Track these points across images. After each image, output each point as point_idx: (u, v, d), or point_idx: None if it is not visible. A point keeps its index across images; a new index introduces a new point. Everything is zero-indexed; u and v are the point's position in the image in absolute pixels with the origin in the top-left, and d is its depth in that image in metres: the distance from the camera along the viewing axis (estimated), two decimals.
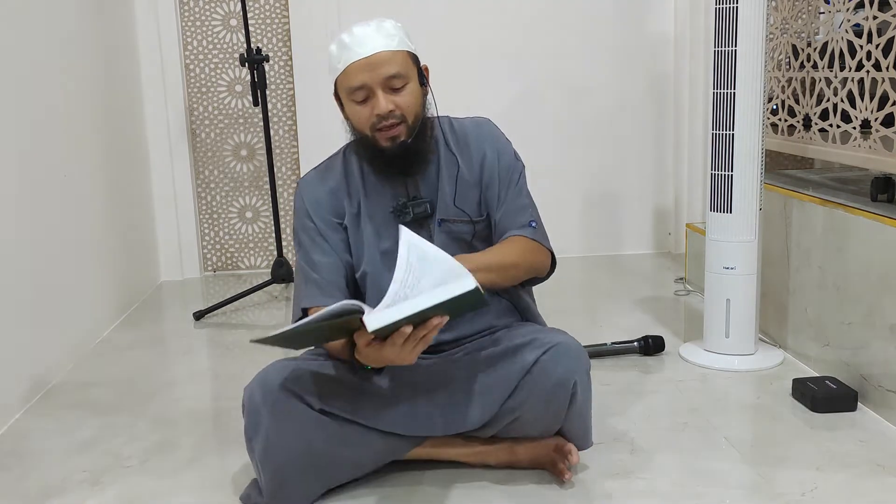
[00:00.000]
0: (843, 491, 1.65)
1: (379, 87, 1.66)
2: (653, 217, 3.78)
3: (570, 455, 1.70)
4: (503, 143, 1.85)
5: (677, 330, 2.68)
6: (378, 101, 1.66)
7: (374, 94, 1.66)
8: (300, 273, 1.80)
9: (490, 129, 1.85)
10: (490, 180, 1.80)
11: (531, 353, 1.66)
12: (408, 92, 1.69)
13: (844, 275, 2.12)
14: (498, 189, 1.80)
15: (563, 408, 1.66)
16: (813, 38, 2.47)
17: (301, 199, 1.82)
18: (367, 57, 1.65)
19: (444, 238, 1.78)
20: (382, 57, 1.65)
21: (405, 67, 1.68)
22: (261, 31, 3.55)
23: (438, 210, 1.79)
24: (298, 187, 1.84)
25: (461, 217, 1.79)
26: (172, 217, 3.57)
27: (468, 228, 1.80)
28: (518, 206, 1.81)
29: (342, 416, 1.64)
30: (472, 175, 1.80)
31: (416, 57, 1.73)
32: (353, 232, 1.80)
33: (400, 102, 1.68)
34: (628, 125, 3.68)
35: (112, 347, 2.73)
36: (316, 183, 1.82)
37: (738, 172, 2.24)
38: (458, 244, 1.79)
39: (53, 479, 1.82)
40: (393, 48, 1.66)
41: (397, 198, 1.77)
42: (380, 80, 1.65)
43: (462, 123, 1.86)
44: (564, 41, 3.60)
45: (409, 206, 1.76)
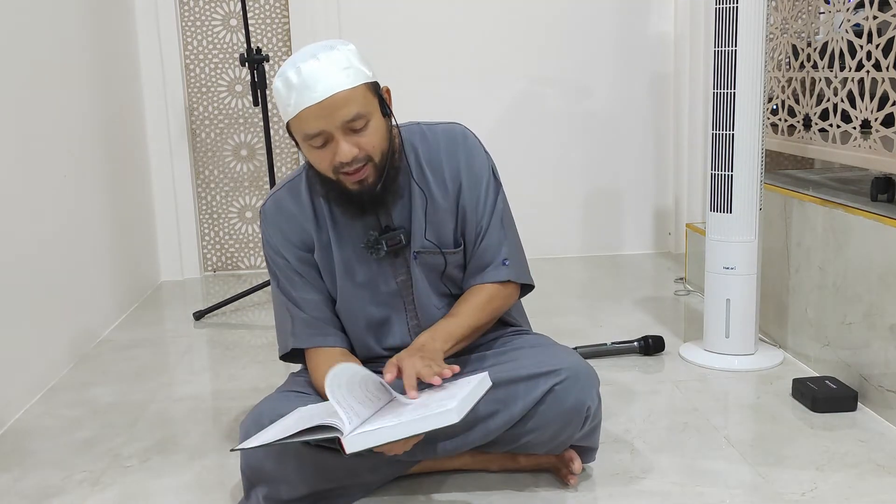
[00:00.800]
0: (843, 491, 1.65)
1: (339, 131, 1.51)
2: (653, 217, 3.78)
3: (573, 463, 1.69)
4: (478, 161, 1.71)
5: (677, 330, 2.68)
6: (339, 147, 1.52)
7: (333, 138, 1.52)
8: (283, 308, 1.73)
9: (464, 142, 1.71)
10: (465, 209, 1.70)
11: (544, 382, 1.61)
12: (371, 131, 1.54)
13: (844, 275, 2.12)
14: (474, 221, 1.71)
15: (576, 432, 1.64)
16: (813, 38, 2.47)
17: (268, 233, 1.71)
18: (320, 102, 1.49)
19: (424, 270, 1.71)
20: (338, 99, 1.49)
21: (365, 105, 1.52)
22: (261, 31, 3.55)
23: (414, 240, 1.68)
24: (263, 217, 1.71)
25: (436, 249, 1.70)
26: (172, 217, 3.57)
27: (442, 260, 1.71)
28: (493, 243, 1.72)
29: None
30: (446, 200, 1.69)
31: (375, 85, 1.57)
32: (324, 264, 1.70)
33: (363, 144, 1.53)
34: (628, 125, 3.69)
35: (112, 347, 2.73)
36: (280, 214, 1.70)
37: (738, 172, 2.24)
38: (434, 275, 1.72)
39: (53, 479, 1.82)
40: (349, 86, 1.50)
41: (368, 230, 1.67)
42: (338, 124, 1.50)
43: (435, 133, 1.71)
44: (564, 41, 3.60)
45: (382, 240, 1.65)
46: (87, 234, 2.81)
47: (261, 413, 1.61)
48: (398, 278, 1.72)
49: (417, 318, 1.74)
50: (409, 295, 1.73)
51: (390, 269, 1.72)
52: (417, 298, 1.73)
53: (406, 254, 1.70)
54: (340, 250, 1.69)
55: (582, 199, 3.72)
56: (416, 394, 1.47)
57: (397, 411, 1.45)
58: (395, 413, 1.44)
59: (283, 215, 1.70)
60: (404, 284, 1.72)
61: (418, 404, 1.45)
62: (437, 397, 1.45)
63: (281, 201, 1.71)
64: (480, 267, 1.73)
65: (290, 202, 1.71)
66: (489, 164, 1.74)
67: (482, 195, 1.71)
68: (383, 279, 1.72)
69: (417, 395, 1.46)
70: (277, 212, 1.71)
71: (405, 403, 1.47)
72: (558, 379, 1.61)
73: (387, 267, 1.71)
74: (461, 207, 1.71)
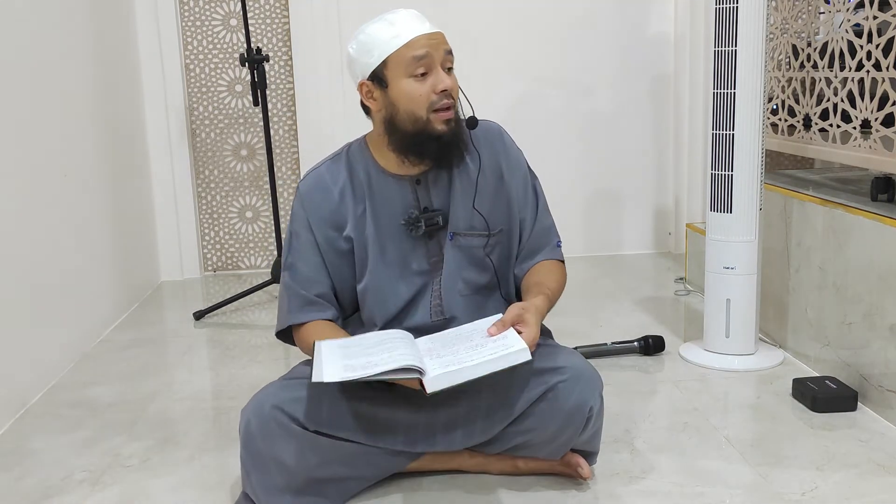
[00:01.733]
0: (843, 491, 1.65)
1: (440, 63, 1.63)
2: (653, 217, 3.78)
3: (580, 469, 1.68)
4: (516, 154, 1.80)
5: (677, 330, 2.68)
6: (441, 76, 1.62)
7: (435, 69, 1.62)
8: (286, 287, 1.75)
9: (503, 137, 1.80)
10: (508, 196, 1.76)
11: (546, 379, 1.62)
12: (454, 77, 1.66)
13: (844, 275, 2.12)
14: (519, 207, 1.77)
15: (577, 433, 1.64)
16: (813, 38, 2.47)
17: (301, 208, 1.74)
18: (430, 32, 1.63)
19: (457, 253, 1.74)
20: (441, 36, 1.64)
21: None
22: (261, 31, 3.55)
23: (452, 223, 1.73)
24: (299, 193, 1.76)
25: (475, 230, 1.74)
26: (172, 217, 3.57)
27: (481, 241, 1.75)
28: (545, 226, 1.81)
29: (338, 436, 1.61)
30: (490, 183, 1.75)
31: None
32: (356, 237, 1.73)
33: (452, 86, 1.64)
34: (628, 125, 3.69)
35: (112, 347, 2.73)
36: (318, 190, 1.74)
37: (738, 172, 2.24)
38: (469, 259, 1.75)
39: (53, 479, 1.83)
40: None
41: (407, 207, 1.72)
42: (442, 54, 1.62)
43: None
44: (565, 41, 3.60)
45: (422, 219, 1.71)
46: (87, 234, 2.81)
47: (262, 401, 1.62)
48: (431, 259, 1.75)
49: (441, 300, 1.75)
50: (437, 276, 1.75)
51: (424, 250, 1.75)
52: (444, 281, 1.75)
53: (440, 236, 1.74)
54: (376, 225, 1.73)
55: (582, 199, 3.72)
56: (495, 331, 1.55)
57: (458, 355, 1.51)
58: (459, 356, 1.51)
59: (321, 190, 1.74)
60: (436, 266, 1.75)
61: (472, 347, 1.53)
62: (490, 343, 1.52)
63: (320, 176, 1.75)
64: (536, 250, 1.80)
65: (328, 177, 1.75)
66: (523, 156, 1.83)
67: (525, 184, 1.80)
68: (416, 258, 1.74)
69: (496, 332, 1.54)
70: (315, 185, 1.75)
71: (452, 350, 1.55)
72: (561, 377, 1.62)
73: (421, 247, 1.74)
74: (505, 194, 1.77)
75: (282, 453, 1.58)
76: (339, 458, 1.62)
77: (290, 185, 3.66)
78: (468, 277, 1.77)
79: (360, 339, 1.65)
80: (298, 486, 1.60)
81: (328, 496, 1.63)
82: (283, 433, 1.58)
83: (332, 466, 1.61)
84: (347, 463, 1.62)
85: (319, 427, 1.60)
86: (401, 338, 1.63)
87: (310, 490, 1.61)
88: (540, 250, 1.80)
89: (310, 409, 1.60)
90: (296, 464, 1.59)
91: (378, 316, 1.76)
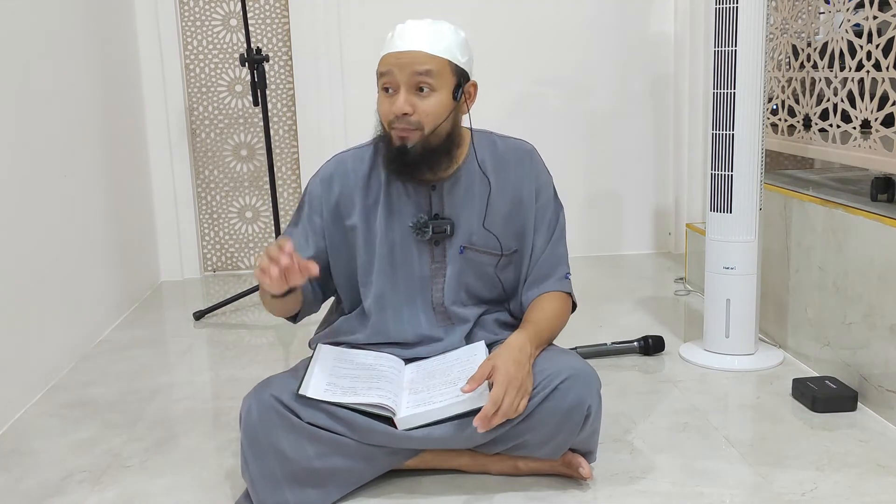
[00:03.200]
0: (843, 491, 1.65)
1: (404, 84, 1.62)
2: (653, 217, 3.78)
3: (582, 469, 1.68)
4: (544, 179, 1.81)
5: (677, 330, 2.68)
6: (398, 98, 1.63)
7: (398, 89, 1.63)
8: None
9: (533, 159, 1.80)
10: (524, 218, 1.77)
11: (544, 381, 1.62)
12: (432, 100, 1.63)
13: (844, 275, 2.12)
14: (534, 232, 1.78)
15: (575, 432, 1.64)
16: (813, 38, 2.47)
17: (316, 186, 1.78)
18: (403, 51, 1.62)
19: (463, 265, 1.76)
20: (416, 56, 1.62)
21: (436, 75, 1.63)
22: (261, 31, 3.55)
23: (461, 234, 1.76)
24: (319, 171, 1.80)
25: (488, 248, 1.76)
26: (172, 217, 3.57)
27: (492, 260, 1.78)
28: (557, 256, 1.81)
29: (336, 432, 1.62)
30: (505, 204, 1.76)
31: (460, 70, 1.67)
32: (364, 234, 1.76)
33: (420, 107, 1.63)
34: (628, 125, 3.69)
35: (112, 347, 2.73)
36: (337, 173, 1.77)
37: (738, 172, 2.24)
38: (477, 273, 1.77)
39: (53, 479, 1.82)
40: (433, 52, 1.63)
41: (419, 211, 1.74)
42: (405, 75, 1.62)
43: (506, 144, 1.80)
44: (564, 41, 3.60)
45: (430, 225, 1.73)
46: (87, 235, 2.81)
47: (263, 390, 1.64)
48: (433, 264, 1.77)
49: (444, 309, 1.78)
50: (439, 285, 1.77)
51: (428, 255, 1.76)
52: (447, 290, 1.77)
53: (447, 244, 1.76)
54: (387, 226, 1.75)
55: (582, 199, 3.72)
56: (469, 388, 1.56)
57: (433, 391, 1.64)
58: (433, 392, 1.64)
59: (339, 174, 1.78)
60: (437, 272, 1.77)
61: (448, 382, 1.64)
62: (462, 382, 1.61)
63: (344, 161, 1.79)
64: (543, 277, 1.80)
65: (350, 164, 1.79)
66: (552, 183, 1.83)
67: (547, 209, 1.80)
68: (419, 263, 1.76)
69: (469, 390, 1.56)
70: (335, 169, 1.79)
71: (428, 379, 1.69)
72: (560, 378, 1.62)
73: (425, 252, 1.76)
74: (521, 216, 1.78)
75: (281, 443, 1.59)
76: (337, 452, 1.62)
77: (290, 185, 3.66)
78: (473, 290, 1.80)
79: (355, 356, 1.76)
80: (296, 477, 1.60)
81: (326, 489, 1.64)
82: (282, 423, 1.60)
83: (331, 459, 1.62)
84: (346, 456, 1.63)
85: (315, 420, 1.61)
86: (389, 367, 1.73)
87: (308, 482, 1.62)
88: (547, 278, 1.80)
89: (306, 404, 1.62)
90: (294, 454, 1.59)
91: (384, 315, 1.78)
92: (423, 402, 1.62)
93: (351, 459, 1.63)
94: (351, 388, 1.63)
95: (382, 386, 1.65)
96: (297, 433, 1.60)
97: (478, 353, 1.73)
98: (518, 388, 1.56)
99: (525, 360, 1.60)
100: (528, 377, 1.59)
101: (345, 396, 1.61)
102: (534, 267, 1.80)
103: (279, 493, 1.60)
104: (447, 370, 1.70)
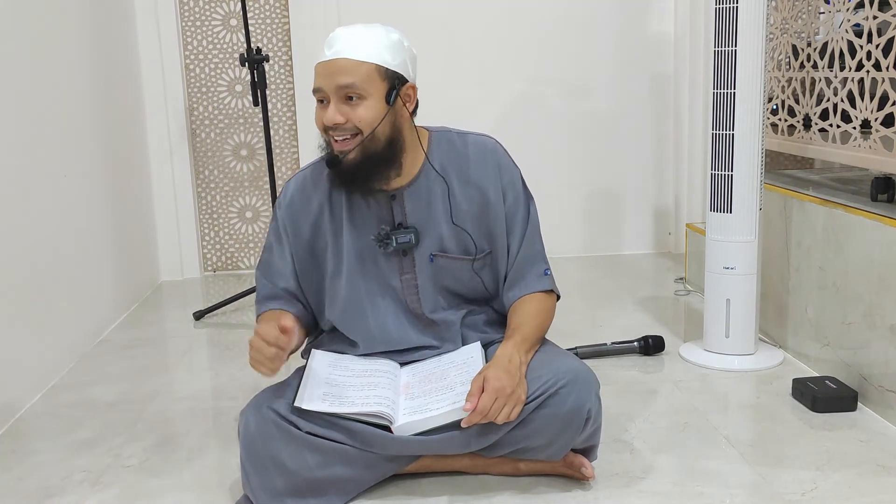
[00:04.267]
0: (843, 491, 1.65)
1: (333, 94, 1.60)
2: (653, 217, 3.78)
3: (584, 469, 1.68)
4: (509, 176, 1.76)
5: (677, 330, 2.68)
6: (328, 110, 1.61)
7: (329, 100, 1.61)
8: (257, 276, 1.82)
9: (496, 155, 1.76)
10: (495, 221, 1.74)
11: (543, 384, 1.61)
12: (363, 107, 1.60)
13: (844, 275, 2.12)
14: (508, 232, 1.75)
15: (576, 435, 1.63)
16: (813, 38, 2.47)
17: (281, 209, 1.78)
18: (328, 61, 1.60)
19: (435, 272, 1.74)
20: (342, 65, 1.59)
21: (364, 82, 1.59)
22: (261, 31, 3.55)
23: (429, 242, 1.73)
24: (283, 192, 1.80)
25: (458, 253, 1.74)
26: (172, 217, 3.57)
27: (465, 265, 1.75)
28: (533, 253, 1.78)
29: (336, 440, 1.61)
30: (471, 205, 1.73)
31: (391, 74, 1.62)
32: (334, 249, 1.75)
33: (351, 115, 1.60)
34: (628, 125, 3.69)
35: (112, 347, 2.73)
36: (299, 193, 1.77)
37: (738, 172, 2.24)
38: (453, 278, 1.76)
39: (53, 479, 1.82)
40: (359, 58, 1.59)
41: (381, 222, 1.72)
42: (332, 87, 1.59)
43: (466, 142, 1.76)
44: (564, 41, 3.60)
45: (392, 236, 1.70)
46: (87, 235, 2.81)
47: (260, 403, 1.64)
48: (403, 276, 1.75)
49: (420, 317, 1.77)
50: (413, 294, 1.75)
51: (396, 266, 1.75)
52: (423, 299, 1.75)
53: (413, 253, 1.73)
54: (353, 239, 1.73)
55: (582, 199, 3.72)
56: (470, 406, 1.56)
57: (430, 396, 1.65)
58: (430, 397, 1.64)
59: (301, 195, 1.77)
60: (408, 283, 1.75)
61: (444, 387, 1.65)
62: (459, 386, 1.64)
63: (304, 180, 1.79)
64: (521, 276, 1.77)
65: (311, 183, 1.77)
66: (520, 176, 1.79)
67: (516, 206, 1.76)
68: (389, 274, 1.75)
69: (471, 408, 1.56)
70: (298, 189, 1.78)
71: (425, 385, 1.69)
72: (558, 382, 1.61)
73: (394, 263, 1.74)
74: (490, 216, 1.74)
75: (281, 455, 1.58)
76: (337, 460, 1.61)
77: None
78: (452, 292, 1.78)
79: (349, 361, 1.75)
80: (298, 488, 1.60)
81: (328, 497, 1.63)
82: (281, 435, 1.59)
83: (331, 468, 1.61)
84: (346, 464, 1.62)
85: (315, 430, 1.60)
86: (385, 372, 1.72)
87: (310, 492, 1.61)
88: (526, 277, 1.77)
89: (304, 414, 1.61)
90: (295, 466, 1.59)
91: (358, 331, 1.77)
92: (419, 409, 1.62)
93: (352, 467, 1.63)
94: (348, 398, 1.63)
95: (379, 393, 1.65)
96: (296, 444, 1.59)
97: (474, 354, 1.73)
98: (508, 397, 1.56)
99: (515, 370, 1.59)
100: (521, 385, 1.59)
101: (342, 407, 1.60)
102: (511, 266, 1.77)
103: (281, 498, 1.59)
104: (443, 374, 1.70)
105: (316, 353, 1.78)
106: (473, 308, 1.82)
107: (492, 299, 1.83)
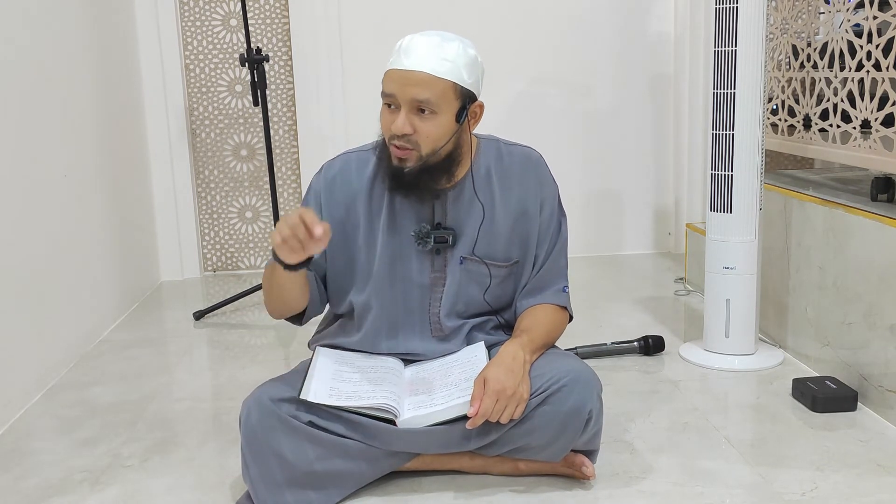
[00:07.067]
0: (843, 491, 1.65)
1: (406, 104, 1.59)
2: (653, 217, 3.78)
3: (585, 468, 1.68)
4: (549, 190, 1.79)
5: (677, 330, 2.68)
6: (398, 118, 1.60)
7: (399, 108, 1.60)
8: None
9: (539, 169, 1.78)
10: (528, 230, 1.76)
11: (544, 384, 1.62)
12: (433, 123, 1.60)
13: (844, 275, 2.12)
14: (538, 244, 1.77)
15: (577, 436, 1.63)
16: (813, 38, 2.47)
17: (319, 185, 1.75)
18: (406, 70, 1.59)
19: (462, 276, 1.75)
20: (420, 78, 1.58)
21: (439, 98, 1.59)
22: (261, 31, 3.55)
23: (462, 245, 1.74)
24: (322, 171, 1.77)
25: (486, 259, 1.75)
26: (172, 217, 3.57)
27: (495, 271, 1.77)
28: (556, 269, 1.79)
29: (337, 433, 1.62)
30: (508, 217, 1.75)
31: (465, 92, 1.63)
32: (366, 240, 1.75)
33: (420, 129, 1.60)
34: (628, 125, 3.69)
35: (112, 347, 2.73)
36: (341, 175, 1.75)
37: (738, 172, 2.24)
38: (473, 284, 1.77)
39: (53, 479, 1.82)
40: (437, 73, 1.58)
41: (421, 220, 1.73)
42: (407, 98, 1.59)
43: (511, 152, 1.78)
44: (564, 41, 3.60)
45: (432, 235, 1.72)
46: (87, 234, 2.81)
47: (262, 394, 1.64)
48: (433, 274, 1.76)
49: (439, 317, 1.77)
50: (437, 294, 1.76)
51: (428, 264, 1.76)
52: (444, 301, 1.76)
53: (447, 254, 1.75)
54: (389, 234, 1.74)
55: (582, 199, 3.72)
56: (475, 410, 1.56)
57: (433, 393, 1.66)
58: (431, 392, 1.66)
59: (344, 175, 1.76)
60: (436, 281, 1.76)
61: (449, 384, 1.66)
62: (463, 382, 1.65)
63: (348, 163, 1.77)
64: (540, 288, 1.79)
65: (355, 167, 1.76)
66: (557, 193, 1.81)
67: (550, 221, 1.78)
68: (419, 272, 1.75)
69: (475, 412, 1.56)
70: (341, 168, 1.76)
71: (426, 381, 1.71)
72: (560, 381, 1.62)
73: (426, 261, 1.75)
74: (525, 228, 1.76)
75: (281, 446, 1.59)
76: (337, 454, 1.62)
77: (290, 185, 3.66)
78: (471, 300, 1.79)
79: (354, 358, 1.76)
80: (297, 480, 1.60)
81: (327, 491, 1.63)
82: (282, 426, 1.60)
83: (332, 461, 1.62)
84: (346, 458, 1.63)
85: (316, 422, 1.61)
86: (390, 369, 1.73)
87: (309, 484, 1.61)
88: (544, 290, 1.79)
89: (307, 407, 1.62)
90: (295, 457, 1.59)
91: (379, 322, 1.77)
92: (423, 404, 1.62)
93: (352, 461, 1.63)
94: (354, 393, 1.63)
95: (386, 388, 1.66)
96: (297, 436, 1.60)
97: (478, 353, 1.73)
98: (510, 397, 1.56)
99: (518, 367, 1.60)
100: (524, 384, 1.59)
101: (349, 401, 1.61)
102: (532, 277, 1.79)
103: (280, 496, 1.60)
104: (447, 372, 1.71)
105: (321, 350, 1.79)
106: (484, 319, 1.83)
107: (504, 310, 1.84)
